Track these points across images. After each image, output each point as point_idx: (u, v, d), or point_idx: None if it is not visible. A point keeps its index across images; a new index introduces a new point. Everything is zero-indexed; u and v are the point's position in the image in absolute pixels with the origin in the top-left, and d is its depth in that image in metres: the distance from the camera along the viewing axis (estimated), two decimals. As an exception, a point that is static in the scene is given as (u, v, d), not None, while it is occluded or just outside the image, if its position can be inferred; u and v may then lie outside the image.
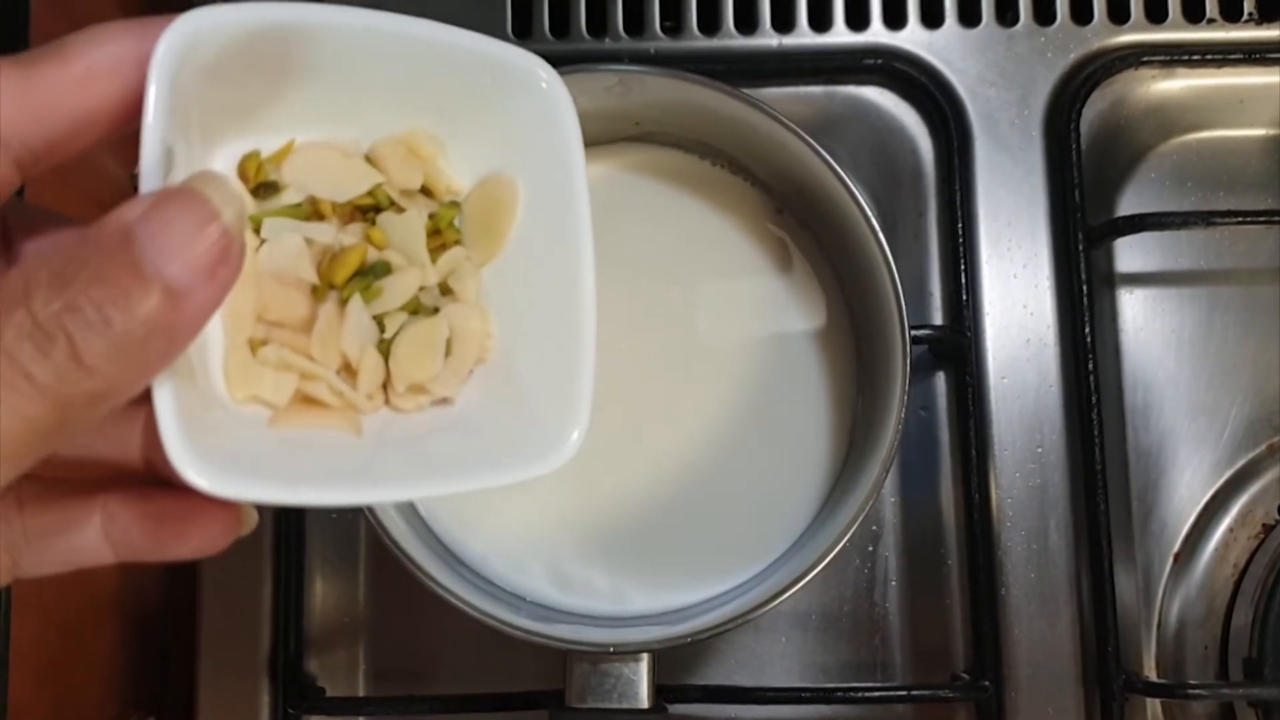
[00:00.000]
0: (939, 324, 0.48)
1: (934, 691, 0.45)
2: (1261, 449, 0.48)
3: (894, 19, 0.50)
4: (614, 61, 0.44)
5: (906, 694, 0.45)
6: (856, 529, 0.38)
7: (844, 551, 0.38)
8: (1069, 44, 0.49)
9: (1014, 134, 0.49)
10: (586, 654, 0.39)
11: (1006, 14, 0.50)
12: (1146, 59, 0.49)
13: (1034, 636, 0.45)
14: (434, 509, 0.42)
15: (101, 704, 0.48)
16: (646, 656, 0.39)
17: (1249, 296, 0.49)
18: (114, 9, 0.52)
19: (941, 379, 0.49)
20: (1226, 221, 0.47)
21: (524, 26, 0.50)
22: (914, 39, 0.50)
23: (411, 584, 0.38)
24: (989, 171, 0.48)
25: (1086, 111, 0.48)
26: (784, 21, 0.50)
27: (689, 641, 0.38)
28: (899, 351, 0.38)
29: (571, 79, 0.39)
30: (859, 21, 0.50)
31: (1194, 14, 0.50)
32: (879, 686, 0.47)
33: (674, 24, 0.50)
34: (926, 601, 0.47)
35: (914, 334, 0.40)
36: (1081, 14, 0.50)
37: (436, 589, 0.38)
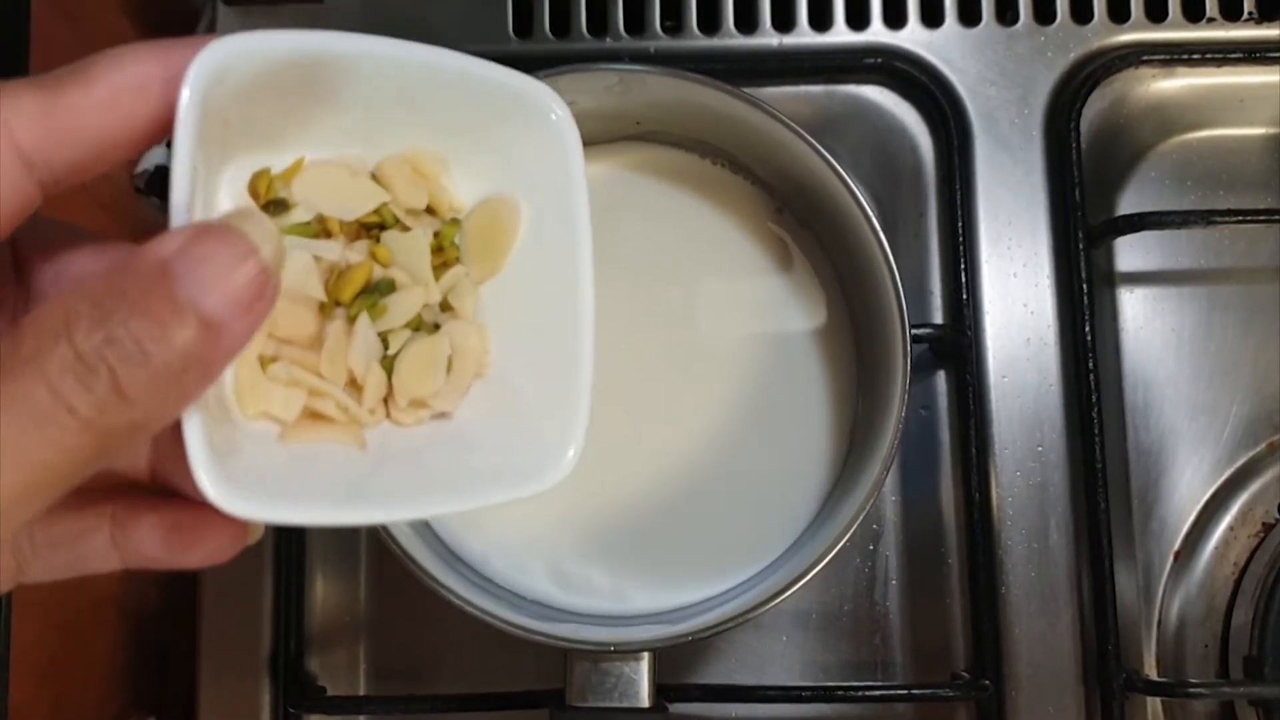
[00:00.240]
0: (939, 323, 0.49)
1: (934, 690, 0.45)
2: (1261, 448, 0.48)
3: (894, 18, 0.50)
4: (614, 61, 0.44)
5: (907, 693, 0.46)
6: (857, 528, 0.38)
7: (844, 550, 0.38)
8: (1069, 43, 0.49)
9: (1014, 133, 0.49)
10: (587, 653, 0.39)
11: (1006, 13, 0.50)
12: (1146, 58, 0.49)
13: (1034, 635, 0.45)
14: (435, 508, 0.42)
15: (102, 704, 0.48)
16: (647, 655, 0.39)
17: (1249, 295, 0.49)
18: (115, 9, 0.52)
19: (942, 378, 0.49)
20: (1226, 220, 0.47)
21: (525, 26, 0.50)
22: (914, 38, 0.50)
23: (412, 583, 0.38)
24: (989, 170, 0.48)
25: (1086, 111, 0.48)
26: (784, 21, 0.50)
27: (689, 640, 0.38)
28: (899, 350, 0.38)
29: (572, 78, 0.40)
30: (859, 21, 0.50)
31: (1194, 13, 0.50)
32: (879, 685, 0.47)
33: (674, 23, 0.50)
34: (927, 600, 0.47)
35: (914, 333, 0.40)
36: (1081, 13, 0.50)
37: (437, 588, 0.38)
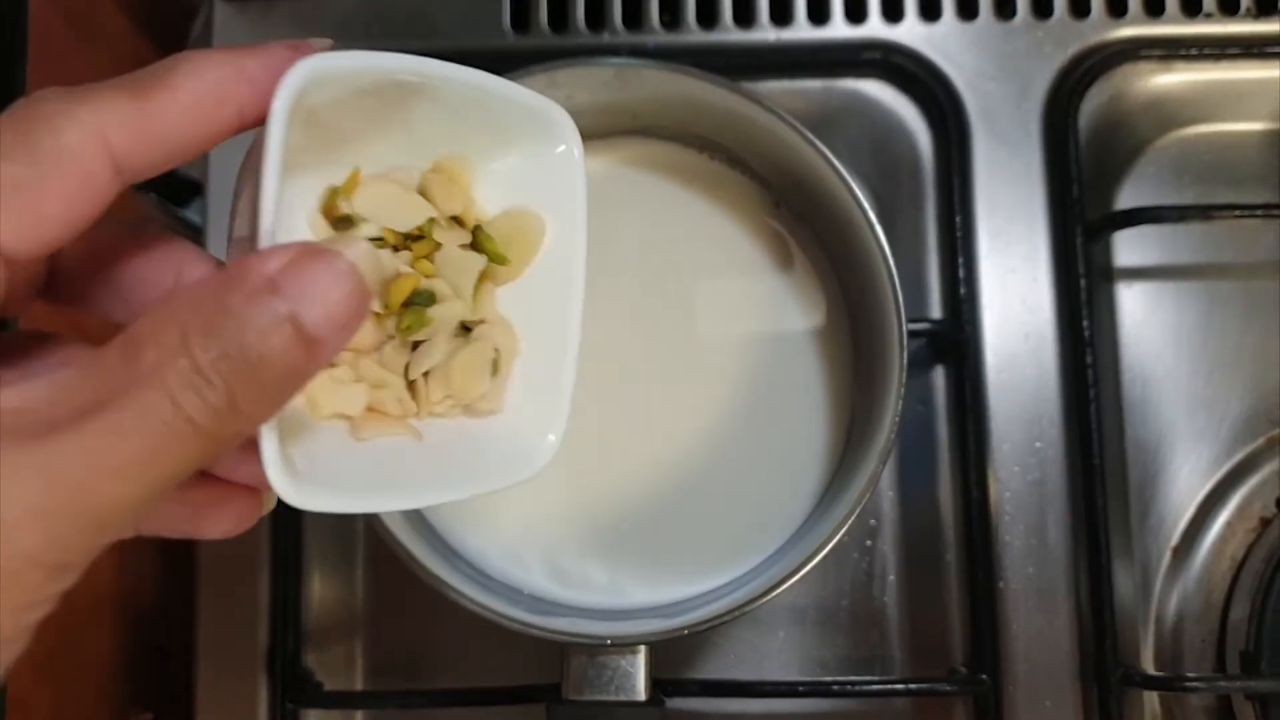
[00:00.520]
0: (937, 318, 0.48)
1: (932, 685, 0.45)
2: (1260, 442, 0.48)
3: (892, 13, 0.50)
4: (612, 55, 0.44)
5: (904, 688, 0.46)
6: (854, 523, 0.38)
7: (842, 546, 0.38)
8: (1067, 38, 0.49)
9: (1012, 128, 0.48)
10: (584, 646, 0.39)
11: (1004, 8, 0.50)
12: (1145, 53, 0.49)
13: (1032, 630, 0.45)
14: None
15: (101, 701, 0.48)
16: (644, 649, 0.39)
17: (1247, 290, 0.49)
18: (115, 9, 0.52)
19: (940, 373, 0.49)
20: (1225, 215, 0.47)
21: (522, 20, 0.49)
22: (912, 33, 0.49)
23: (409, 578, 0.38)
24: (987, 165, 0.48)
25: (1085, 105, 0.48)
26: (782, 15, 0.50)
27: (686, 634, 0.38)
28: (896, 345, 0.38)
29: (569, 72, 0.40)
30: (857, 15, 0.50)
31: (1192, 8, 0.50)
32: (877, 680, 0.47)
33: (672, 18, 0.50)
34: (924, 595, 0.47)
35: (912, 328, 0.39)
36: (1079, 8, 0.49)
37: (434, 583, 0.38)
